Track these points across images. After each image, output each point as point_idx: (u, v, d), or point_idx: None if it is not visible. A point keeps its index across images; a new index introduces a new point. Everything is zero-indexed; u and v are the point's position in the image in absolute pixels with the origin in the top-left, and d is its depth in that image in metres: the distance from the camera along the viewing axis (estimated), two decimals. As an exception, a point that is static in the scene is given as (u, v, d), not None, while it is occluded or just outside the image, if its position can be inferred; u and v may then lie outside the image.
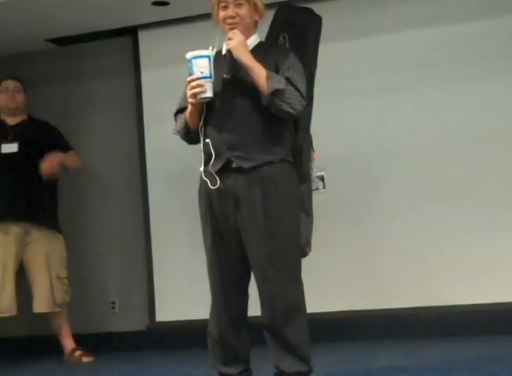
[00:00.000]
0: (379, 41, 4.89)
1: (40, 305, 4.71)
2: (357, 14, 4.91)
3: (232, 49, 2.99)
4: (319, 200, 4.36)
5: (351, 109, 4.90)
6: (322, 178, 4.76)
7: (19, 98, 4.89)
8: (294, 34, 3.26)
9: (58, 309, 4.74)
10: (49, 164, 4.70)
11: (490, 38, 4.70)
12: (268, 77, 2.95)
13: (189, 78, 2.99)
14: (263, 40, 3.25)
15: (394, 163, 4.82)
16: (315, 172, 3.30)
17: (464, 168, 4.69)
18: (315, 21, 3.36)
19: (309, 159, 3.25)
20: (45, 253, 4.72)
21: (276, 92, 2.93)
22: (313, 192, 3.34)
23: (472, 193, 4.65)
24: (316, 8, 3.40)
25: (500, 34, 4.69)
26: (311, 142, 3.30)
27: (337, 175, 4.77)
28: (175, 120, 3.22)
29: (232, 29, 3.04)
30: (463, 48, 4.74)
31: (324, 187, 4.77)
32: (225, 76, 2.98)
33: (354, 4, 4.91)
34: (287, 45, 3.25)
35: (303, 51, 3.16)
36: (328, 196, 4.74)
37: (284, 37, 3.24)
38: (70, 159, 4.89)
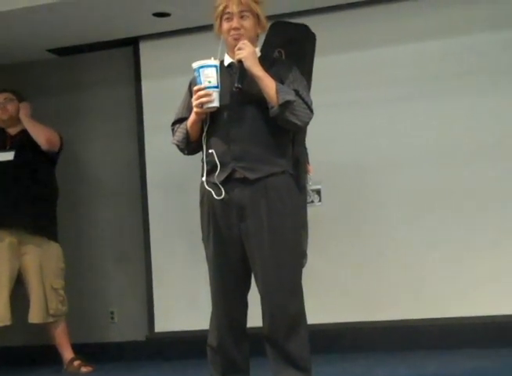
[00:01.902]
0: (377, 54, 4.91)
1: (34, 316, 4.69)
2: (355, 27, 4.92)
3: (243, 59, 2.98)
4: (317, 211, 4.38)
5: (349, 121, 4.91)
6: (318, 192, 4.81)
7: (11, 108, 4.90)
8: (290, 50, 3.25)
9: (52, 320, 4.72)
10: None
11: (490, 51, 4.71)
12: (277, 89, 2.95)
13: (196, 87, 2.98)
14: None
15: (393, 175, 4.83)
16: (311, 186, 3.30)
17: (465, 179, 4.69)
18: (311, 38, 3.37)
19: (305, 172, 3.25)
20: (39, 263, 4.69)
21: (287, 104, 2.94)
22: (308, 205, 3.34)
23: (472, 205, 4.65)
24: (315, 20, 3.43)
25: (500, 47, 4.71)
26: (306, 155, 3.31)
27: (335, 187, 4.81)
28: (172, 130, 3.22)
29: (236, 40, 3.04)
30: (461, 61, 4.75)
31: (320, 200, 4.80)
32: (236, 85, 2.97)
33: (352, 17, 4.92)
34: None
35: (299, 67, 3.16)
36: (326, 207, 4.79)
37: (280, 52, 3.24)
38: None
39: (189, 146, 3.14)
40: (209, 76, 2.96)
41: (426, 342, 4.57)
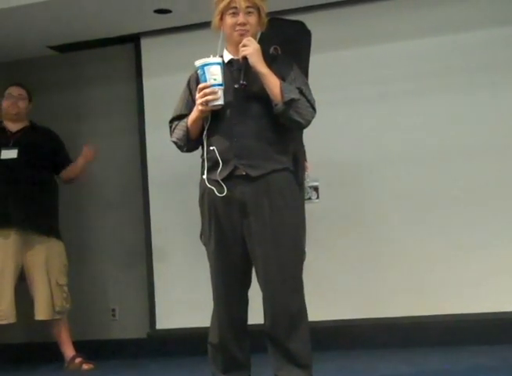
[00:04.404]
0: (375, 51, 4.91)
1: (40, 312, 4.69)
2: (354, 24, 4.92)
3: (248, 56, 2.98)
4: (315, 208, 4.38)
5: (346, 118, 4.91)
6: (316, 189, 4.81)
7: (22, 105, 4.89)
8: (286, 47, 3.24)
9: (58, 317, 4.72)
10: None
11: (489, 49, 4.71)
12: (282, 87, 2.95)
13: (201, 85, 2.97)
14: None
15: (391, 171, 4.83)
16: (309, 182, 3.30)
17: (464, 176, 4.69)
18: (306, 35, 3.37)
19: (303, 169, 3.25)
20: (45, 260, 4.70)
21: (291, 102, 2.94)
22: (306, 201, 3.35)
23: (472, 202, 4.65)
24: (312, 17, 3.42)
25: (499, 44, 4.70)
26: (304, 152, 3.30)
27: (332, 183, 4.82)
28: (170, 127, 3.21)
29: (242, 36, 3.02)
30: (459, 58, 4.75)
31: (318, 197, 4.81)
32: (241, 82, 2.96)
33: (351, 14, 4.93)
34: None
35: (296, 64, 3.15)
36: (325, 204, 4.80)
37: (276, 48, 3.23)
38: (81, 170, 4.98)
39: (189, 143, 3.13)
40: (214, 74, 2.95)
41: (427, 339, 4.57)
